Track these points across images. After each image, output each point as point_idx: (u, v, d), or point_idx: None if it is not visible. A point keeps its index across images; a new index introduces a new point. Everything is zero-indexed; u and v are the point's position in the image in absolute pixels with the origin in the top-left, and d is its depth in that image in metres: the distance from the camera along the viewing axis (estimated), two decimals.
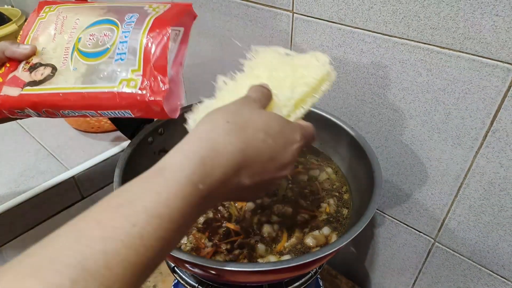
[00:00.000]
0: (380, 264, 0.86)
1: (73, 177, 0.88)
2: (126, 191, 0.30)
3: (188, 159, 0.32)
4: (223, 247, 0.53)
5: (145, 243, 0.27)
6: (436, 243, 0.72)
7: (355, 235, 0.43)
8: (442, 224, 0.70)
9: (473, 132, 0.58)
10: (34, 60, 0.51)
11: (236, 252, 0.51)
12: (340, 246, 0.42)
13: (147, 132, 0.63)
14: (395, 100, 0.65)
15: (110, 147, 0.97)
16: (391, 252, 0.82)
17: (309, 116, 0.71)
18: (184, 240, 0.54)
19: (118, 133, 0.95)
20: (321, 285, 0.72)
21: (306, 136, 0.42)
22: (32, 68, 0.50)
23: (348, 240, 0.42)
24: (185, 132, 0.74)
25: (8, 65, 0.52)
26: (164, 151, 0.68)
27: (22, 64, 0.51)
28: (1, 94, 0.50)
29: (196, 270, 0.45)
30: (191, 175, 0.31)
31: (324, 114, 0.67)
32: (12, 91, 0.50)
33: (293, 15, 0.71)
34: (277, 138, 0.37)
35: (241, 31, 0.81)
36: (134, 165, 0.58)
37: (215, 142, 0.33)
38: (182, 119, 0.71)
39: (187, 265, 0.43)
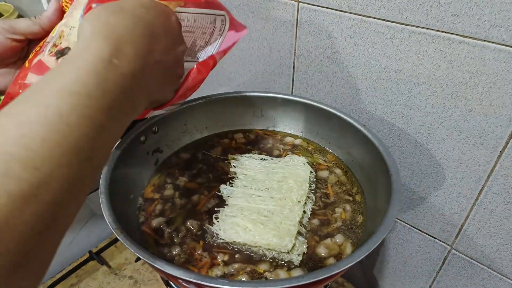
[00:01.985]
0: (391, 271, 0.81)
1: None
2: (34, 86, 0.28)
3: (91, 41, 0.32)
4: (220, 258, 0.47)
5: (65, 120, 0.26)
6: (453, 250, 0.67)
7: (375, 246, 0.37)
8: (460, 230, 0.64)
9: (498, 131, 0.53)
10: (63, 43, 0.45)
11: (236, 266, 0.46)
12: (359, 259, 0.37)
13: (139, 131, 0.57)
14: (410, 95, 0.59)
15: None
16: (402, 259, 0.77)
17: (314, 110, 0.66)
18: (177, 251, 0.49)
19: None
20: None
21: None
22: (60, 54, 0.44)
23: (368, 252, 0.37)
24: (180, 131, 0.70)
25: (38, 48, 0.46)
26: (158, 151, 0.62)
27: (49, 46, 0.45)
28: (25, 82, 0.44)
29: (189, 286, 0.39)
30: (99, 51, 0.31)
31: (330, 109, 0.62)
32: (36, 80, 0.44)
33: (298, 5, 0.66)
34: (156, 11, 0.39)
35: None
36: (124, 166, 0.53)
37: (107, 22, 0.34)
38: (177, 119, 0.67)
39: (178, 281, 0.37)
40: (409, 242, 0.74)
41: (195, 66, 0.46)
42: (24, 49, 0.49)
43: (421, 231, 0.70)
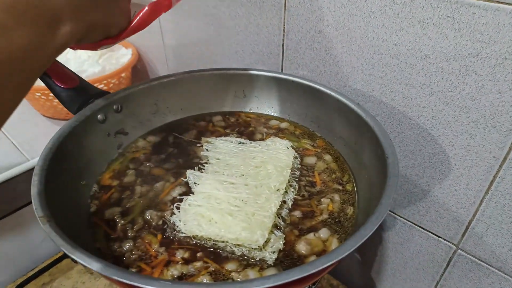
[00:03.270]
0: (390, 274, 0.74)
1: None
2: None
3: None
4: (179, 255, 0.40)
5: None
6: (459, 250, 0.60)
7: (363, 240, 0.30)
8: (467, 228, 0.57)
9: None
10: None
11: (198, 265, 0.38)
12: (343, 255, 0.30)
13: (96, 108, 0.50)
14: (412, 72, 0.52)
15: None
16: (403, 260, 0.69)
17: (302, 89, 0.59)
18: (130, 246, 0.41)
19: None
20: None
21: None
22: None
23: (354, 248, 0.30)
24: (150, 111, 0.62)
25: None
26: (122, 132, 0.55)
27: None
28: None
29: None
30: None
31: (320, 87, 0.55)
32: None
33: None
34: None
35: None
36: (74, 147, 0.46)
37: None
38: (146, 97, 0.60)
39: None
40: (410, 241, 0.66)
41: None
42: None
43: (423, 229, 0.63)
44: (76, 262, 0.82)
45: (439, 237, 0.61)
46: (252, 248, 0.39)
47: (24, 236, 0.82)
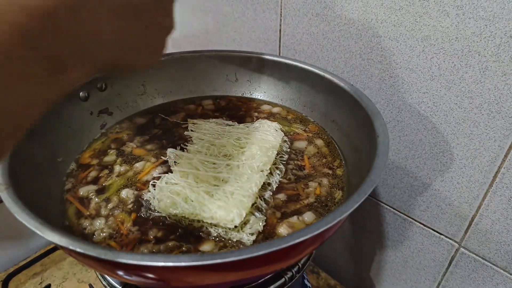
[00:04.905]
0: (389, 274, 0.70)
1: None
2: None
3: None
4: (152, 234, 0.37)
5: None
6: (462, 249, 0.56)
7: (342, 216, 0.27)
8: (470, 224, 0.53)
9: None
10: None
11: (170, 244, 0.36)
12: (323, 228, 0.27)
13: (78, 84, 0.48)
14: (412, 55, 0.49)
15: None
16: (402, 259, 0.66)
17: (295, 72, 0.56)
18: (100, 224, 0.39)
19: None
20: None
21: None
22: None
23: (330, 224, 0.27)
24: (137, 93, 0.60)
25: None
26: (106, 112, 0.53)
27: None
28: None
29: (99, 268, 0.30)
30: None
31: (314, 69, 0.52)
32: None
33: None
34: None
35: None
36: (49, 123, 0.44)
37: None
38: (132, 78, 0.57)
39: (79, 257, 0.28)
40: (410, 238, 0.63)
41: None
42: None
43: (424, 225, 0.59)
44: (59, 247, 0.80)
45: (441, 234, 0.58)
46: (229, 229, 0.37)
47: (17, 226, 0.81)
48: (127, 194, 0.42)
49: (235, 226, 0.37)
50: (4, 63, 0.20)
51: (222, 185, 0.39)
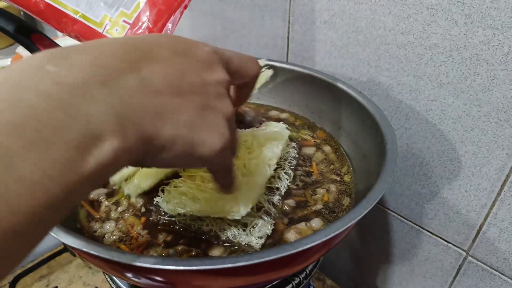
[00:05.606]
0: (396, 282, 0.70)
1: None
2: None
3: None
4: (162, 238, 0.38)
5: None
6: (469, 257, 0.56)
7: (351, 223, 0.28)
8: (478, 233, 0.53)
9: None
10: None
11: (179, 248, 0.36)
12: (332, 234, 0.27)
13: None
14: (420, 63, 0.49)
15: None
16: (409, 268, 0.66)
17: (303, 79, 0.56)
18: (111, 227, 0.39)
19: None
20: None
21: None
22: None
23: (340, 230, 0.27)
24: None
25: None
26: None
27: None
28: None
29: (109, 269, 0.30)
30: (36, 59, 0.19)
31: (321, 76, 0.53)
32: None
33: None
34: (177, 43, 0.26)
35: None
36: None
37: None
38: None
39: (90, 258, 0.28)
40: (417, 247, 0.62)
41: None
42: None
43: (431, 233, 0.59)
44: (74, 255, 0.81)
45: (448, 242, 0.58)
46: (238, 232, 0.37)
47: None
48: (136, 198, 0.43)
49: (244, 229, 0.37)
50: None
51: None
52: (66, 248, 0.82)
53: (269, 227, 0.38)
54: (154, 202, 0.41)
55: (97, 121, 0.19)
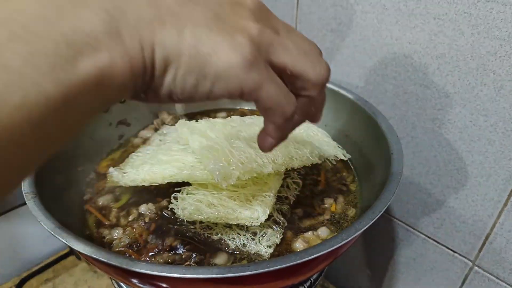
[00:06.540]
0: None
1: None
2: None
3: None
4: (168, 244, 0.38)
5: None
6: (475, 267, 0.55)
7: (357, 234, 0.28)
8: (484, 242, 0.53)
9: None
10: None
11: (185, 255, 0.36)
12: (338, 244, 0.27)
13: None
14: (427, 72, 0.49)
15: None
16: (415, 277, 0.65)
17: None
18: (119, 233, 0.40)
19: None
20: None
21: None
22: None
23: (345, 241, 0.27)
24: (155, 106, 0.61)
25: None
26: (125, 123, 0.54)
27: None
28: None
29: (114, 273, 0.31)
30: None
31: (327, 84, 0.52)
32: None
33: None
34: None
35: None
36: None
37: None
38: None
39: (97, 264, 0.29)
40: (423, 256, 0.62)
41: None
42: None
43: (437, 242, 0.59)
44: (79, 258, 0.81)
45: (455, 252, 0.57)
46: (247, 241, 0.37)
47: (31, 230, 0.82)
48: (147, 205, 0.43)
49: (253, 238, 0.38)
50: None
51: (241, 190, 0.40)
52: (71, 252, 0.83)
53: (278, 236, 0.38)
54: (169, 208, 0.41)
55: (90, 20, 0.18)
